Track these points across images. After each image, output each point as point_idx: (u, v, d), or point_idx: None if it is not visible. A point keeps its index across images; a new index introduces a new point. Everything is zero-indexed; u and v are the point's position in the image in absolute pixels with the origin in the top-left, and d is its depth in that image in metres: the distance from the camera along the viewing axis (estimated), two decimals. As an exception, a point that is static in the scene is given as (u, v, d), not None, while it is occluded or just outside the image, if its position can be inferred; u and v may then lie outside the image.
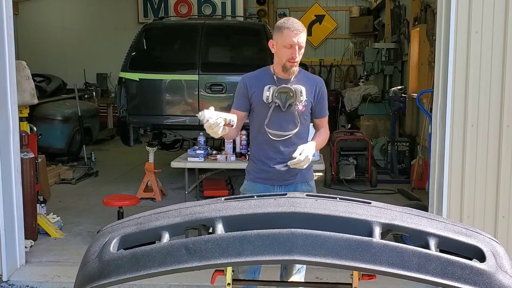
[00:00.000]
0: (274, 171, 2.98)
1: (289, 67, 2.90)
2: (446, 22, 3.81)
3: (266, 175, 3.01)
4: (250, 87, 2.97)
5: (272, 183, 3.01)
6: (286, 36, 2.82)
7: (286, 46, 2.84)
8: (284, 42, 2.84)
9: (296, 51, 2.85)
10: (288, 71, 2.92)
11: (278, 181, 3.00)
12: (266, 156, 2.99)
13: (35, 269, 4.38)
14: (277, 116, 2.93)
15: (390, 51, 9.98)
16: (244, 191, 3.08)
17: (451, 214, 3.86)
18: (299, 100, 2.91)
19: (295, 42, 2.82)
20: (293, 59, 2.86)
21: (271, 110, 2.92)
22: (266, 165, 3.00)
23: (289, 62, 2.87)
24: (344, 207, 1.51)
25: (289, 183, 3.01)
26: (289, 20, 2.89)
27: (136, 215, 1.62)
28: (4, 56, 4.08)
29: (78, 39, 12.72)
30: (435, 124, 3.99)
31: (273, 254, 1.36)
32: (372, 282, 1.80)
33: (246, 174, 3.14)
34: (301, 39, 2.84)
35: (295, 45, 2.83)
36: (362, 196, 6.65)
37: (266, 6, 12.72)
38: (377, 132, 9.18)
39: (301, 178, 3.03)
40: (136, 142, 7.16)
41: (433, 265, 1.34)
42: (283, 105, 2.90)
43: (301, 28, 2.86)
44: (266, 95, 2.90)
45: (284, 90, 2.89)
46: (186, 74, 6.87)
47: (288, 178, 3.00)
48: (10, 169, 4.20)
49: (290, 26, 2.82)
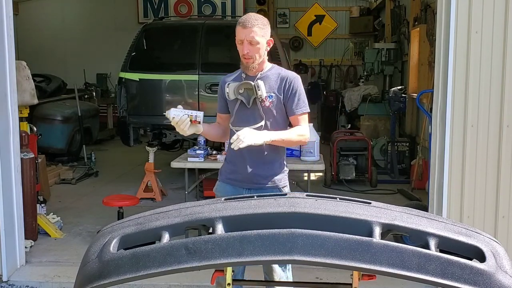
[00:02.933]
0: (243, 173, 2.93)
1: (244, 63, 2.87)
2: (446, 22, 3.81)
3: (235, 176, 2.97)
4: (224, 87, 2.98)
5: (241, 185, 2.95)
6: (237, 32, 2.83)
7: (238, 42, 2.84)
8: (236, 38, 2.84)
9: (245, 47, 2.81)
10: (245, 68, 2.89)
11: (247, 183, 2.94)
12: (235, 156, 2.94)
13: (35, 269, 4.38)
14: (244, 113, 2.91)
15: (390, 51, 9.98)
16: (216, 191, 3.06)
17: (451, 214, 3.86)
18: (258, 94, 2.83)
19: (243, 37, 2.80)
20: (245, 55, 2.82)
21: (236, 107, 2.90)
22: (236, 166, 2.96)
23: (244, 58, 2.85)
24: (344, 207, 1.51)
25: (258, 186, 2.92)
26: (245, 16, 2.88)
27: (136, 215, 1.62)
28: (4, 56, 4.08)
29: (78, 39, 12.71)
30: (435, 124, 3.99)
31: (273, 254, 1.36)
32: (372, 282, 1.80)
33: (219, 175, 3.11)
34: (251, 34, 2.79)
35: (243, 40, 2.81)
36: (362, 196, 6.65)
37: (266, 6, 12.72)
38: (377, 132, 9.18)
39: (271, 183, 2.94)
40: (136, 142, 7.16)
41: (433, 265, 1.34)
42: (247, 102, 2.87)
43: (253, 23, 2.81)
44: (226, 92, 2.90)
45: (244, 86, 2.87)
46: (186, 74, 6.87)
47: (257, 181, 2.93)
48: (10, 169, 4.20)
49: (241, 21, 2.81)
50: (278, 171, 2.98)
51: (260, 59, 2.87)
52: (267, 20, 2.94)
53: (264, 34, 2.84)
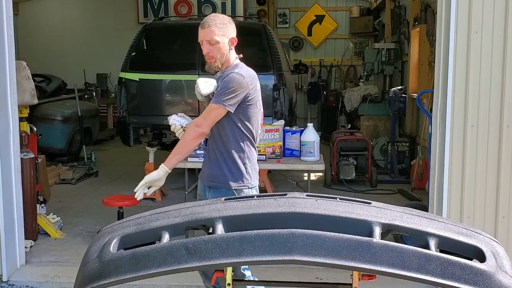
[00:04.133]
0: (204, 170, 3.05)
1: (208, 63, 2.90)
2: (446, 22, 3.80)
3: (201, 173, 3.09)
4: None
5: (204, 183, 3.04)
6: (198, 33, 2.87)
7: (200, 43, 2.88)
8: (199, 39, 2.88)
9: (205, 47, 2.84)
10: (209, 68, 2.91)
11: (206, 181, 3.02)
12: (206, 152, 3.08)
13: (35, 269, 4.38)
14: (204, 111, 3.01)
15: (390, 51, 9.97)
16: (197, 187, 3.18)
17: (451, 214, 3.86)
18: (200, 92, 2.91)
19: (202, 38, 2.84)
20: (206, 55, 2.86)
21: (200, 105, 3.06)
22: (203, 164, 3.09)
23: (206, 58, 2.89)
24: (344, 207, 1.51)
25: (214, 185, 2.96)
26: (206, 17, 2.89)
27: (136, 215, 1.62)
28: (4, 56, 4.08)
29: (78, 39, 12.71)
30: (435, 124, 3.99)
31: (273, 254, 1.36)
32: (372, 282, 1.80)
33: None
34: (209, 34, 2.80)
35: (202, 41, 2.84)
36: (362, 196, 6.65)
37: (266, 6, 12.72)
38: (377, 132, 9.18)
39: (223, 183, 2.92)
40: (136, 142, 7.16)
41: (433, 265, 1.34)
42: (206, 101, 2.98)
43: (210, 23, 2.81)
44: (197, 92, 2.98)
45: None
46: (186, 74, 6.86)
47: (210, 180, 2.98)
48: (10, 169, 4.20)
49: (201, 23, 2.84)
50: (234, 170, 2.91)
51: (223, 58, 2.86)
52: (229, 19, 2.93)
53: (224, 33, 2.83)
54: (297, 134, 4.81)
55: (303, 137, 4.71)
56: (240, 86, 2.80)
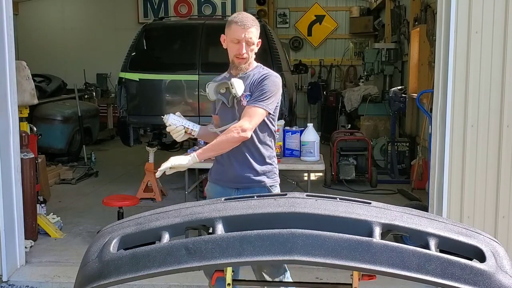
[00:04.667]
0: (230, 173, 2.90)
1: (237, 63, 2.84)
2: (446, 22, 3.80)
3: (222, 176, 2.95)
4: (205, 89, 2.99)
5: (230, 185, 2.92)
6: (234, 30, 2.78)
7: (234, 41, 2.79)
8: (231, 36, 2.79)
9: (242, 47, 2.78)
10: (237, 68, 2.86)
11: (235, 183, 2.91)
12: (222, 157, 2.91)
13: (35, 269, 4.38)
14: (224, 114, 2.90)
15: (390, 51, 9.98)
16: (207, 191, 3.06)
17: (451, 214, 3.86)
18: (235, 92, 2.79)
19: (242, 37, 2.76)
20: (240, 55, 2.80)
21: (218, 107, 2.90)
22: (223, 167, 2.93)
23: (237, 58, 2.82)
24: (344, 207, 1.51)
25: (246, 186, 2.88)
26: (239, 15, 2.84)
27: (136, 215, 1.63)
28: (4, 56, 4.08)
29: (78, 39, 12.71)
30: (435, 124, 3.99)
31: (273, 255, 1.36)
32: (372, 282, 1.80)
33: (208, 175, 3.10)
34: (249, 34, 2.77)
35: (242, 40, 2.77)
36: (362, 196, 6.64)
37: (266, 6, 12.72)
38: (377, 132, 9.18)
39: (259, 183, 2.90)
40: (136, 142, 7.16)
41: (433, 265, 1.34)
42: (227, 102, 2.85)
43: (251, 23, 2.78)
44: (207, 93, 2.90)
45: (222, 86, 2.85)
46: (186, 74, 6.86)
47: (244, 181, 2.89)
48: (10, 169, 4.20)
49: (238, 20, 2.77)
50: (267, 169, 2.93)
51: (252, 59, 2.87)
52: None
53: (257, 35, 2.84)
54: (297, 134, 4.81)
55: (303, 137, 4.71)
56: (279, 88, 2.85)
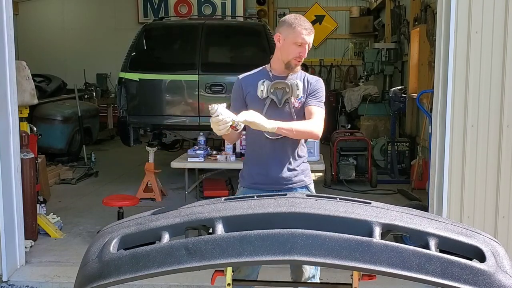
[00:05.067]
0: (271, 175, 2.87)
1: (293, 65, 2.85)
2: (446, 22, 3.80)
3: (262, 179, 2.89)
4: (245, 87, 2.91)
5: (270, 188, 2.87)
6: (299, 33, 2.77)
7: (297, 43, 2.78)
8: (295, 39, 2.77)
9: (305, 50, 2.81)
10: (291, 69, 2.86)
11: (276, 185, 2.87)
12: (261, 158, 2.89)
13: (35, 269, 4.38)
14: (273, 114, 2.80)
15: (390, 51, 9.98)
16: None
17: (451, 214, 3.86)
18: (295, 94, 2.80)
19: (306, 41, 2.78)
20: (301, 57, 2.82)
21: (266, 106, 2.82)
22: (262, 169, 2.88)
23: (295, 60, 2.82)
24: (344, 207, 1.51)
25: (288, 188, 2.88)
26: (301, 18, 2.85)
27: (136, 215, 1.63)
28: (4, 56, 4.07)
29: (78, 39, 12.71)
30: (435, 124, 3.99)
31: (273, 255, 1.36)
32: (372, 282, 1.80)
33: (241, 180, 3.01)
34: (311, 39, 2.82)
35: (305, 43, 2.79)
36: (362, 196, 6.64)
37: (266, 6, 12.72)
38: (377, 132, 9.18)
39: (299, 182, 2.92)
40: (136, 142, 7.16)
41: (433, 265, 1.34)
42: (279, 102, 2.81)
43: (312, 28, 2.84)
44: (261, 90, 2.82)
45: (280, 85, 2.82)
46: (186, 74, 6.87)
47: (286, 182, 2.88)
48: (10, 169, 4.20)
49: (303, 24, 2.79)
50: (304, 167, 2.97)
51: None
52: None
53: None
54: (297, 134, 4.80)
55: (303, 137, 4.71)
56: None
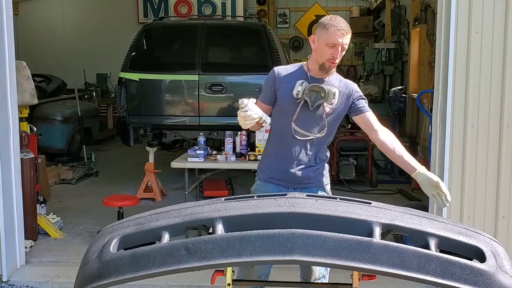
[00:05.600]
0: (289, 173, 2.85)
1: (327, 67, 2.81)
2: (446, 22, 3.80)
3: (281, 175, 2.88)
4: (279, 80, 2.87)
5: (286, 185, 2.88)
6: (332, 34, 2.74)
7: (329, 45, 2.76)
8: (327, 40, 2.75)
9: (338, 51, 2.77)
10: (325, 71, 2.83)
11: (293, 183, 2.87)
12: (284, 155, 2.87)
13: (35, 269, 4.38)
14: (304, 115, 2.81)
15: (390, 51, 9.98)
16: (255, 191, 2.94)
17: (451, 214, 3.86)
18: (330, 102, 2.79)
19: (339, 42, 2.74)
20: (334, 59, 2.78)
21: (299, 106, 2.80)
22: (282, 165, 2.87)
23: (329, 61, 2.79)
24: (344, 207, 1.51)
25: (304, 187, 2.88)
26: (336, 19, 2.82)
27: (136, 215, 1.62)
28: (4, 56, 4.07)
29: (78, 39, 12.71)
30: (435, 124, 3.99)
31: (273, 255, 1.36)
32: (372, 282, 1.80)
33: (259, 173, 2.99)
34: (346, 40, 2.77)
35: (338, 45, 2.75)
36: (362, 196, 6.64)
37: (266, 6, 12.72)
38: (377, 132, 9.17)
39: (316, 182, 2.92)
40: (136, 142, 7.15)
41: (433, 266, 1.34)
42: (311, 104, 2.78)
43: (348, 29, 2.79)
44: (297, 90, 2.79)
45: (316, 88, 2.79)
46: (186, 74, 6.86)
47: (303, 181, 2.88)
48: (10, 169, 4.20)
49: (336, 24, 2.76)
50: (322, 169, 2.98)
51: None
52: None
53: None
54: (297, 134, 4.80)
55: (303, 137, 4.71)
56: None
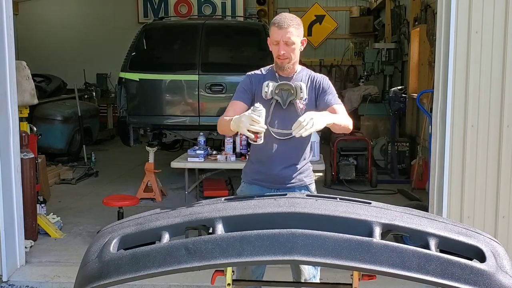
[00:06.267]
0: (272, 173, 2.90)
1: (279, 64, 2.85)
2: (446, 22, 3.80)
3: (263, 176, 2.93)
4: (255, 83, 2.92)
5: (270, 186, 2.92)
6: (273, 32, 2.80)
7: (273, 43, 2.82)
8: (272, 38, 2.82)
9: (281, 48, 2.79)
10: (281, 69, 2.87)
11: (276, 184, 2.91)
12: (264, 156, 2.92)
13: (35, 269, 4.38)
14: (278, 114, 2.86)
15: (390, 51, 9.97)
16: (241, 193, 3.00)
17: (451, 214, 3.86)
18: (299, 97, 2.83)
19: (279, 38, 2.78)
20: (282, 55, 2.81)
21: (272, 107, 2.84)
22: (265, 167, 2.92)
23: (278, 58, 2.83)
24: (344, 207, 1.51)
25: (287, 187, 2.91)
26: (280, 16, 2.85)
27: (136, 215, 1.63)
28: (4, 56, 4.07)
29: (78, 39, 12.70)
30: (435, 124, 3.99)
31: (273, 254, 1.36)
32: (372, 282, 1.80)
33: (243, 175, 3.06)
34: (288, 35, 2.78)
35: (280, 41, 2.79)
36: (362, 196, 6.64)
37: (266, 6, 12.71)
38: (377, 132, 9.18)
39: (299, 182, 2.94)
40: (136, 142, 7.16)
41: (433, 265, 1.34)
42: (283, 103, 2.83)
43: (290, 23, 2.79)
44: (265, 91, 2.83)
45: (284, 87, 2.83)
46: (186, 74, 6.87)
47: (286, 182, 2.91)
48: (10, 169, 4.20)
49: (277, 22, 2.80)
50: (306, 168, 2.98)
51: (295, 59, 2.88)
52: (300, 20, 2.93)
53: (299, 34, 2.85)
54: (297, 134, 4.80)
55: (303, 137, 4.70)
56: None
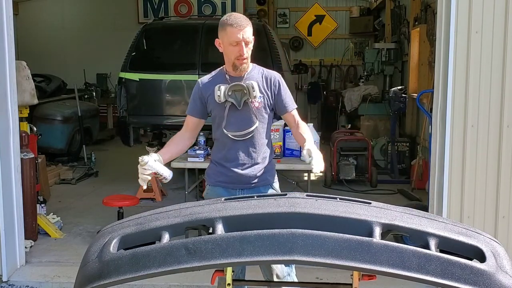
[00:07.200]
0: (234, 174, 2.89)
1: (238, 65, 2.81)
2: (446, 22, 3.81)
3: (225, 178, 2.93)
4: (205, 90, 2.90)
5: (233, 187, 2.92)
6: (230, 33, 2.74)
7: (232, 44, 2.76)
8: (229, 39, 2.75)
9: (242, 48, 2.76)
10: (238, 69, 2.83)
11: (239, 184, 2.91)
12: (225, 158, 2.91)
13: (35, 269, 4.38)
14: (234, 116, 2.85)
15: (390, 51, 9.98)
16: (207, 196, 2.99)
17: (451, 214, 3.86)
18: (252, 96, 2.80)
19: (240, 38, 2.74)
20: (241, 56, 2.78)
21: (227, 110, 2.83)
22: (226, 168, 2.91)
23: (238, 60, 2.79)
24: (344, 207, 1.51)
25: (251, 186, 2.91)
26: (231, 16, 2.81)
27: (136, 215, 1.62)
28: (4, 56, 4.08)
29: (78, 39, 12.70)
30: (435, 124, 3.99)
31: (273, 255, 1.36)
32: (372, 282, 1.80)
33: (207, 178, 3.05)
34: (246, 34, 2.75)
35: (240, 41, 2.74)
36: (362, 196, 6.64)
37: (266, 6, 12.71)
38: (377, 132, 9.18)
39: (263, 181, 2.93)
40: (136, 142, 7.16)
41: (433, 265, 1.34)
42: (238, 104, 2.81)
43: (245, 22, 2.77)
44: (217, 95, 2.81)
45: (236, 88, 2.81)
46: (186, 74, 6.86)
47: (250, 181, 2.90)
48: (10, 169, 4.20)
49: (233, 22, 2.74)
50: (269, 167, 2.97)
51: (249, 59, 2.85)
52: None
53: (253, 33, 2.83)
54: (297, 134, 4.80)
55: (303, 137, 4.70)
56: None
